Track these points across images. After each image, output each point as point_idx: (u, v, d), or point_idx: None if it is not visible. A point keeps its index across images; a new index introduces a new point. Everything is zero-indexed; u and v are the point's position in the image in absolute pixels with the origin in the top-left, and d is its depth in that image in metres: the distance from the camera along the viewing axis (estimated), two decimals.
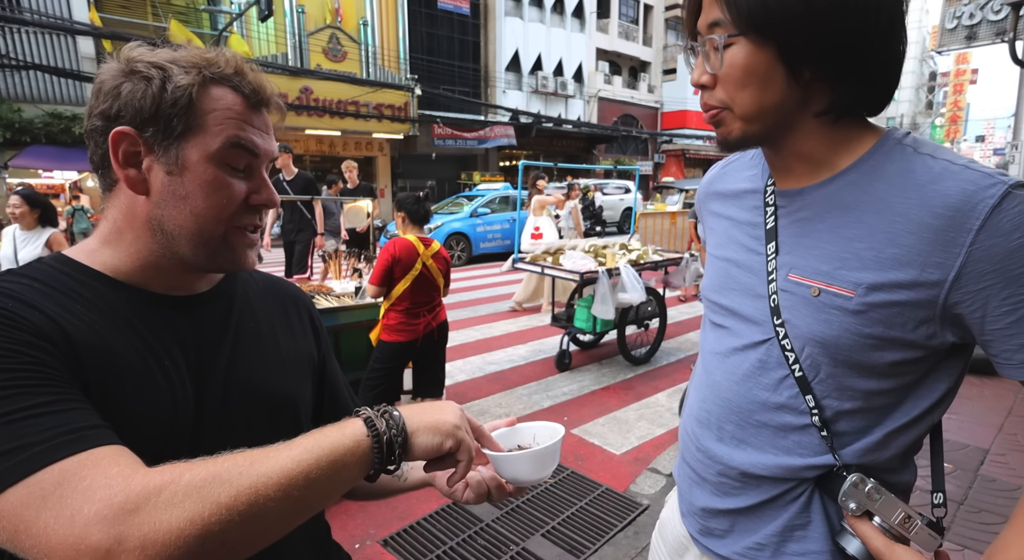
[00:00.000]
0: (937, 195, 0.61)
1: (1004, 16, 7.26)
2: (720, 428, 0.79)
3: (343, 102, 15.35)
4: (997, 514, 2.45)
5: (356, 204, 4.85)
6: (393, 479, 0.78)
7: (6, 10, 10.96)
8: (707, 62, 0.67)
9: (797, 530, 0.74)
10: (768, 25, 0.61)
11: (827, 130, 0.68)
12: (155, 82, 0.58)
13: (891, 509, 0.65)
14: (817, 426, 0.70)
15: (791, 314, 0.70)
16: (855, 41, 0.61)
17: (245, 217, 0.65)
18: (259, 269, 0.83)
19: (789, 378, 0.71)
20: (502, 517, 2.49)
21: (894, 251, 0.62)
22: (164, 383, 0.59)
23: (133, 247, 0.63)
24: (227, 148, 0.62)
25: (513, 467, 0.67)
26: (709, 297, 0.85)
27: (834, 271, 0.66)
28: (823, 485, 0.72)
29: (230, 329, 0.69)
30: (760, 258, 0.75)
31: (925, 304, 0.62)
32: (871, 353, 0.66)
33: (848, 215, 0.67)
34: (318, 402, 0.81)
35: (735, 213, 0.82)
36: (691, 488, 0.86)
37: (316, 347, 0.82)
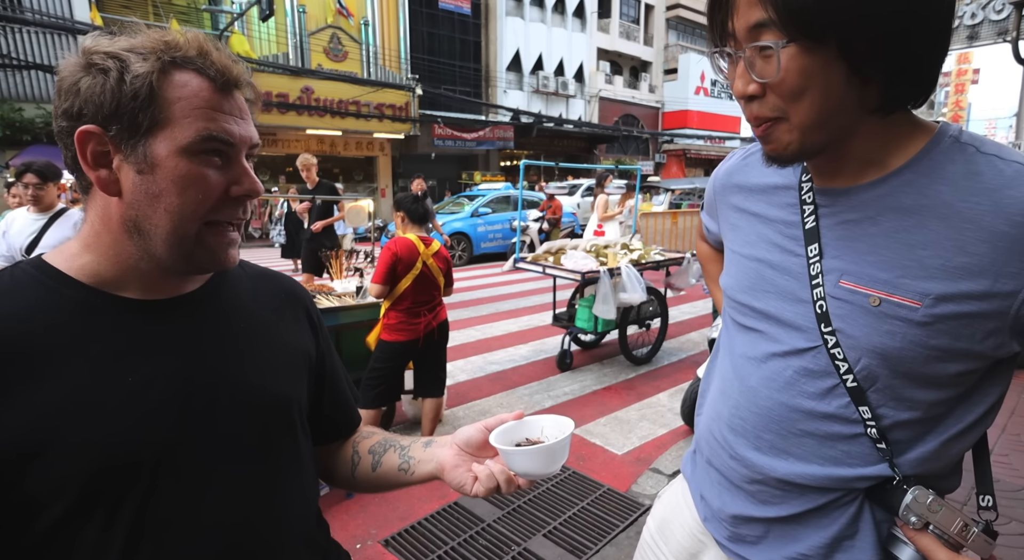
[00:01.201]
0: (1014, 202, 0.57)
1: (1006, 16, 7.24)
2: (758, 437, 0.74)
3: (344, 102, 15.36)
4: (1002, 515, 2.44)
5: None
6: (400, 473, 0.77)
7: (7, 10, 10.97)
8: (752, 70, 0.59)
9: (845, 540, 0.71)
10: (828, 25, 0.54)
11: (879, 128, 0.63)
12: (112, 74, 0.55)
13: (950, 519, 0.63)
14: (873, 437, 0.66)
15: (845, 323, 0.65)
16: (916, 31, 0.56)
17: (226, 210, 0.62)
18: (254, 263, 0.81)
19: (840, 387, 0.67)
20: (503, 517, 2.49)
21: (964, 260, 0.59)
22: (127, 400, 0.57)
23: (112, 250, 0.60)
24: (199, 142, 0.58)
25: (524, 462, 0.67)
26: (736, 298, 0.79)
27: (896, 280, 0.62)
28: (875, 495, 0.68)
29: (219, 330, 0.67)
30: (800, 260, 0.70)
31: (996, 315, 0.59)
32: (934, 365, 0.63)
33: (908, 219, 0.62)
34: (317, 398, 0.80)
35: (763, 209, 0.77)
36: (720, 494, 0.83)
37: (314, 342, 0.80)
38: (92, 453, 0.54)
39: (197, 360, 0.63)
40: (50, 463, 0.52)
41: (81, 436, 0.54)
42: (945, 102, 48.81)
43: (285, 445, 0.70)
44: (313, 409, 0.79)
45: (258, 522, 0.65)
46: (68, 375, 0.55)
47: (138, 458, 0.56)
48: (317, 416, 0.80)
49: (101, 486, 0.54)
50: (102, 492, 0.54)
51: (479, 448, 0.73)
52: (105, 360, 0.57)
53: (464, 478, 0.71)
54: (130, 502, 0.56)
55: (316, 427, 0.80)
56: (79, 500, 0.53)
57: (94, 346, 0.57)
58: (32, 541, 0.53)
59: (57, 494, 0.53)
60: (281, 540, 0.68)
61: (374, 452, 0.81)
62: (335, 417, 0.84)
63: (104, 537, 0.55)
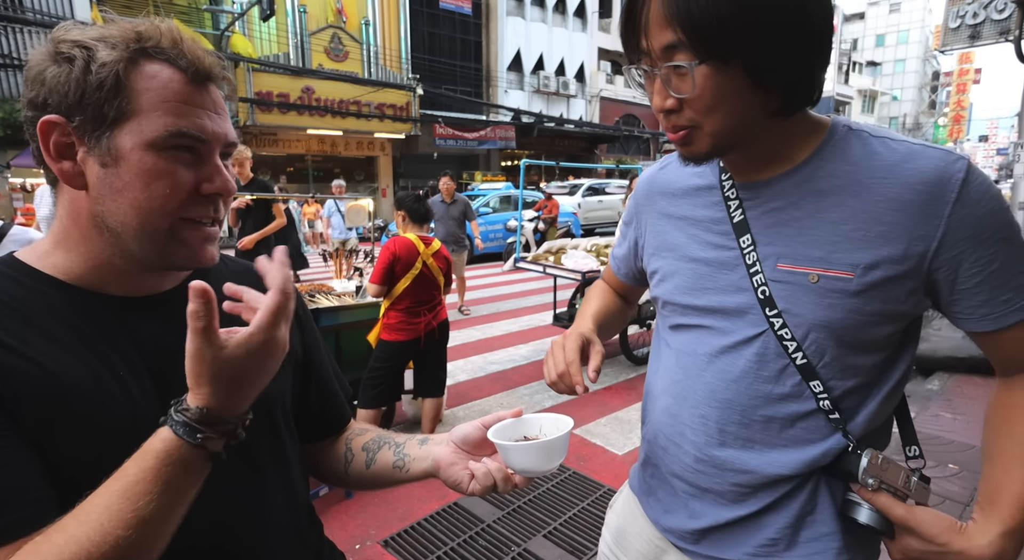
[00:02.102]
0: (912, 173, 0.65)
1: (1008, 15, 7.22)
2: (722, 431, 0.76)
3: (345, 102, 15.37)
4: None
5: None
6: (395, 470, 0.76)
7: (8, 10, 10.98)
8: (669, 87, 0.65)
9: (807, 517, 0.75)
10: (732, 46, 0.60)
11: (783, 128, 0.70)
12: (78, 63, 0.53)
13: (896, 474, 0.70)
14: (826, 410, 0.71)
15: (789, 303, 0.70)
16: (805, 48, 0.63)
17: (196, 208, 0.59)
18: (237, 259, 0.79)
19: (791, 367, 0.71)
20: (503, 518, 2.48)
21: (881, 228, 0.66)
22: (120, 394, 0.56)
23: (83, 246, 0.58)
24: (168, 137, 0.55)
25: (522, 458, 0.66)
26: (678, 301, 0.82)
27: (829, 256, 0.68)
28: (832, 469, 0.73)
29: None
30: (734, 253, 0.75)
31: (913, 275, 0.66)
32: (871, 329, 0.69)
33: (826, 200, 0.69)
34: (304, 394, 0.79)
35: (690, 211, 0.81)
36: (687, 503, 0.82)
37: (299, 337, 0.78)
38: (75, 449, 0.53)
39: (177, 357, 0.60)
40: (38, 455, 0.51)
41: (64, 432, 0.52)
42: (947, 102, 48.75)
43: (268, 442, 0.68)
44: (300, 405, 0.78)
45: (242, 521, 0.64)
46: (46, 371, 0.53)
47: (120, 458, 0.54)
48: (305, 412, 0.79)
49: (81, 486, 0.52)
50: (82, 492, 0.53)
51: (476, 446, 0.72)
52: (81, 357, 0.55)
53: (460, 476, 0.70)
54: None
55: (305, 424, 0.79)
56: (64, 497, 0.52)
57: (70, 343, 0.56)
58: None
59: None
60: (267, 539, 0.67)
61: (368, 449, 0.80)
62: (325, 413, 0.83)
63: None
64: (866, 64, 47.04)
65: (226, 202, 0.63)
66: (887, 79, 49.13)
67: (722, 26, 0.58)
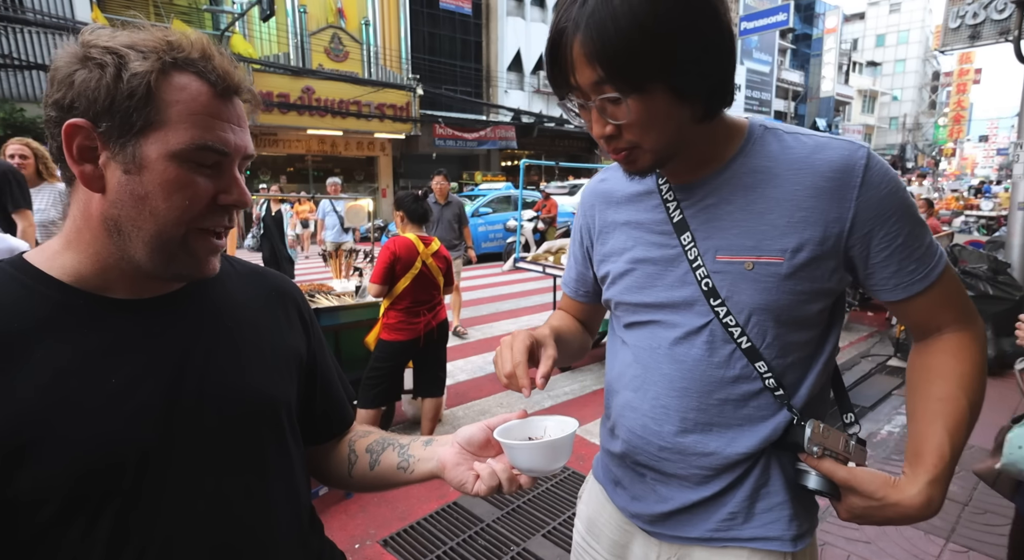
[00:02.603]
0: (823, 162, 0.73)
1: (1008, 15, 7.21)
2: (683, 419, 0.81)
3: (345, 102, 15.36)
4: (1002, 516, 2.43)
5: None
6: (399, 471, 0.76)
7: (9, 10, 10.99)
8: (605, 115, 0.70)
9: (762, 489, 0.81)
10: (649, 77, 0.65)
11: (707, 132, 0.75)
12: (109, 70, 0.53)
13: (836, 440, 0.76)
14: (771, 387, 0.78)
15: (731, 291, 0.77)
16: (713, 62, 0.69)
17: (211, 218, 0.60)
18: (245, 260, 0.80)
19: (737, 351, 0.78)
20: (503, 517, 2.48)
21: (802, 214, 0.73)
22: (108, 403, 0.56)
23: (92, 248, 0.59)
24: (193, 150, 0.57)
25: (527, 457, 0.66)
26: (629, 300, 0.87)
27: (760, 244, 0.75)
28: (780, 443, 0.79)
29: (205, 329, 0.65)
30: (677, 250, 0.80)
31: (834, 253, 0.74)
32: (805, 307, 0.76)
33: (752, 193, 0.76)
34: (309, 397, 0.79)
35: (635, 215, 0.87)
36: (655, 489, 0.87)
37: (305, 341, 0.79)
38: (73, 456, 0.53)
39: (183, 360, 0.62)
40: (31, 466, 0.51)
41: (61, 438, 0.53)
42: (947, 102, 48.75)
43: (273, 446, 0.69)
44: (305, 408, 0.78)
45: (246, 523, 0.64)
46: (44, 377, 0.53)
47: (121, 460, 0.55)
48: (309, 415, 0.79)
49: (85, 488, 0.53)
50: (85, 494, 0.53)
51: (480, 447, 0.72)
52: (84, 361, 0.56)
53: (465, 476, 0.70)
54: (112, 505, 0.55)
55: (309, 426, 0.79)
56: (64, 502, 0.52)
57: (72, 347, 0.56)
58: (17, 546, 0.52)
59: (40, 497, 0.52)
60: (271, 541, 0.67)
61: (371, 451, 0.80)
62: (328, 416, 0.83)
63: (86, 541, 0.54)
64: (866, 64, 47.03)
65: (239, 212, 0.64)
66: (887, 79, 49.11)
67: (637, 62, 0.63)
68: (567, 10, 0.66)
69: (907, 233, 0.73)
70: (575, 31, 0.65)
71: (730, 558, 0.83)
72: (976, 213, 12.48)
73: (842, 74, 40.40)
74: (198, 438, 0.61)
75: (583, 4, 0.64)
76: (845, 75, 41.56)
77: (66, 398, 0.54)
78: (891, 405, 3.85)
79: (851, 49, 44.90)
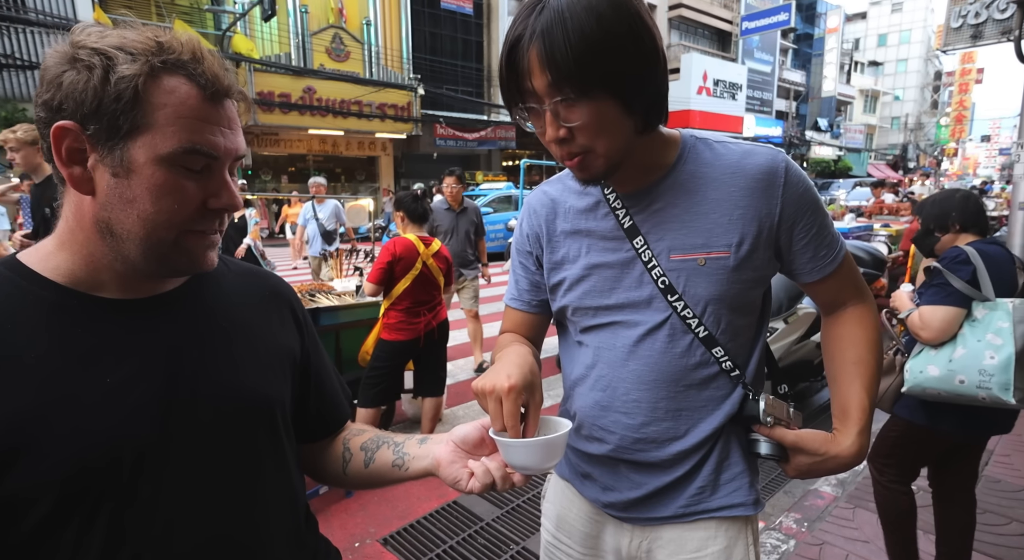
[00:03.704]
0: (752, 166, 0.83)
1: (1010, 15, 7.19)
2: (653, 408, 0.87)
3: (346, 102, 15.39)
4: (1002, 515, 2.43)
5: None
6: (394, 469, 0.77)
7: (10, 10, 11.01)
8: (559, 119, 0.73)
9: (724, 461, 0.90)
10: (594, 84, 0.70)
11: (647, 143, 0.82)
12: (97, 72, 0.52)
13: (781, 409, 0.88)
14: (727, 369, 0.87)
15: (687, 286, 0.84)
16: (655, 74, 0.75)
17: (202, 222, 0.60)
18: (238, 261, 0.80)
19: (695, 340, 0.85)
20: (502, 516, 2.49)
21: (739, 211, 0.83)
22: (103, 402, 0.56)
23: (85, 249, 0.58)
24: (182, 154, 0.56)
25: (521, 455, 0.67)
26: (589, 304, 0.91)
27: (708, 241, 0.83)
28: (736, 418, 0.88)
29: (199, 329, 0.65)
30: (630, 253, 0.87)
31: (768, 244, 0.84)
32: (749, 293, 0.87)
33: (694, 196, 0.84)
34: (303, 395, 0.80)
35: (588, 225, 0.91)
36: (629, 476, 0.92)
37: (299, 340, 0.79)
38: (68, 455, 0.53)
39: (178, 360, 0.62)
40: (27, 466, 0.51)
41: (57, 438, 0.53)
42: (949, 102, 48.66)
43: (268, 445, 0.69)
44: (299, 407, 0.78)
45: (241, 522, 0.65)
46: (39, 377, 0.54)
47: (117, 459, 0.55)
48: (304, 413, 0.79)
49: (79, 488, 0.53)
50: (80, 494, 0.54)
51: (475, 446, 0.73)
52: (79, 361, 0.56)
53: (460, 474, 0.70)
54: (108, 504, 0.55)
55: (303, 424, 0.80)
56: (58, 502, 0.53)
57: (66, 348, 0.56)
58: (14, 544, 0.52)
59: (36, 496, 0.52)
60: (265, 540, 0.67)
61: (367, 448, 0.81)
62: (323, 414, 0.84)
63: (83, 540, 0.54)
64: (868, 64, 46.94)
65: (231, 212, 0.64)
66: (889, 79, 49.02)
67: (586, 70, 0.68)
68: (524, 20, 0.71)
69: (819, 224, 0.85)
70: (531, 39, 0.70)
71: (699, 531, 0.90)
72: None
73: (844, 74, 40.33)
74: (193, 437, 0.61)
75: (539, 15, 0.69)
76: (847, 75, 41.49)
77: (61, 398, 0.54)
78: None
79: (853, 49, 44.81)
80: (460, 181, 4.34)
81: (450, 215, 4.37)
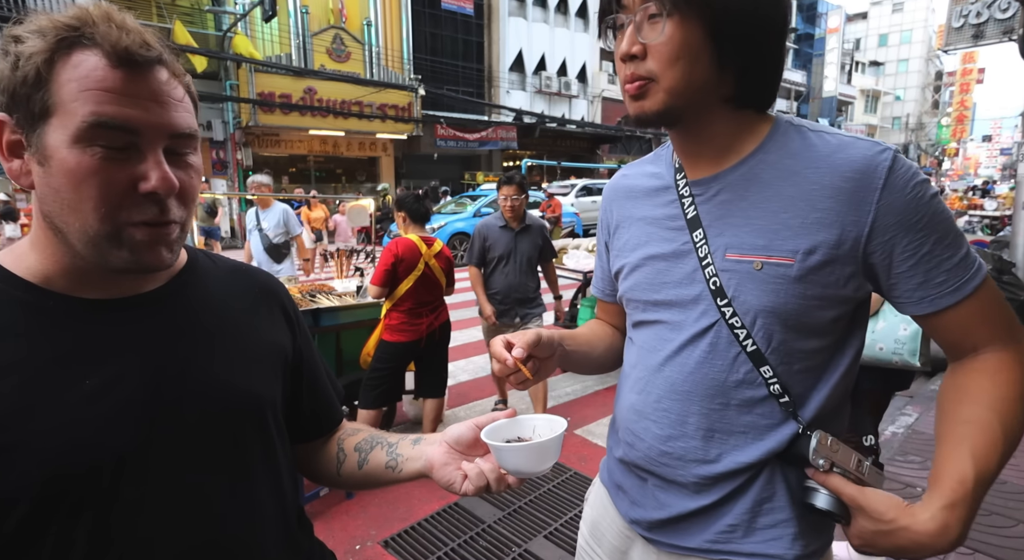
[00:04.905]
0: (844, 162, 0.69)
1: (1012, 14, 7.17)
2: (681, 422, 0.79)
3: (347, 102, 15.38)
4: (1008, 517, 2.41)
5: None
6: (388, 470, 0.76)
7: (11, 11, 11.02)
8: (639, 33, 0.69)
9: (765, 503, 0.77)
10: (697, 6, 0.65)
11: (731, 116, 0.74)
12: (10, 58, 0.50)
13: (848, 457, 0.72)
14: (776, 394, 0.74)
15: (738, 291, 0.73)
16: (763, 33, 0.69)
17: (137, 210, 0.54)
18: (227, 257, 0.79)
19: (742, 354, 0.74)
20: (504, 518, 2.47)
21: (817, 215, 0.69)
22: (83, 404, 0.54)
23: (50, 249, 0.56)
24: (87, 128, 0.50)
25: (514, 459, 0.66)
26: (640, 297, 0.85)
27: (770, 243, 0.71)
28: (786, 455, 0.75)
29: (184, 328, 0.63)
30: (688, 246, 0.78)
31: (850, 259, 0.70)
32: (815, 313, 0.72)
33: (767, 190, 0.73)
34: (295, 395, 0.78)
35: (649, 211, 0.85)
36: (655, 493, 0.84)
37: (291, 338, 0.77)
38: (48, 459, 0.51)
39: (162, 360, 0.60)
40: (4, 470, 0.50)
41: (35, 443, 0.51)
42: (950, 102, 48.61)
43: (257, 446, 0.68)
44: (292, 406, 0.77)
45: (230, 524, 0.63)
46: (16, 380, 0.52)
47: (98, 463, 0.54)
48: (296, 413, 0.78)
49: (59, 491, 0.52)
50: (60, 497, 0.52)
51: (469, 446, 0.71)
52: (57, 364, 0.54)
53: (453, 476, 0.69)
54: (90, 507, 0.54)
55: (296, 425, 0.79)
56: (38, 506, 0.51)
57: (44, 350, 0.54)
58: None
59: (13, 498, 0.50)
60: (256, 542, 0.66)
61: (360, 449, 0.79)
62: (316, 414, 0.82)
63: (64, 544, 0.53)
64: (869, 64, 46.92)
65: (183, 201, 0.58)
66: (890, 79, 48.99)
67: None
68: None
69: (934, 241, 0.67)
70: None
71: None
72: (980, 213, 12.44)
73: (845, 74, 40.32)
74: (178, 439, 0.59)
75: None
76: (848, 75, 41.47)
77: (39, 401, 0.52)
78: (894, 405, 3.83)
79: (854, 49, 44.78)
80: (521, 190, 3.16)
81: (507, 235, 3.16)
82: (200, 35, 13.61)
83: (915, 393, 3.86)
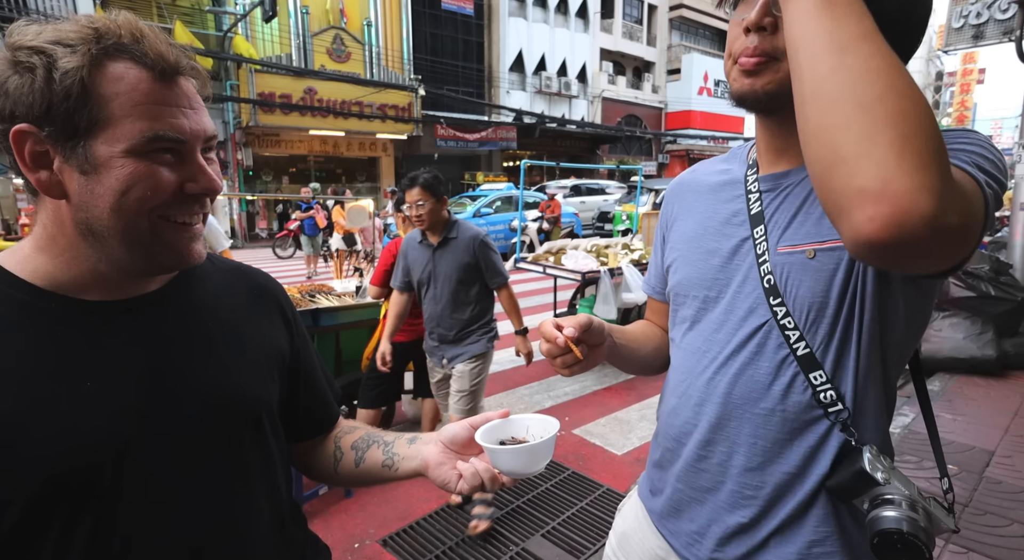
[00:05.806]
0: None
1: (1012, 15, 7.18)
2: (713, 430, 0.76)
3: (347, 102, 15.38)
4: (1003, 517, 2.42)
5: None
6: (384, 469, 0.77)
7: (11, 11, 11.03)
8: (776, 7, 0.63)
9: (815, 547, 0.71)
10: None
11: None
12: (39, 72, 0.50)
13: (904, 481, 0.65)
14: (826, 402, 0.69)
15: (790, 284, 0.70)
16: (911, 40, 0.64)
17: (180, 209, 0.58)
18: (226, 258, 0.80)
19: (790, 357, 0.70)
20: (502, 517, 2.49)
21: None
22: (83, 404, 0.55)
23: (68, 253, 0.57)
24: (146, 142, 0.54)
25: (508, 460, 0.67)
26: (688, 292, 0.82)
27: (822, 229, 0.68)
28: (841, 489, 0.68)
29: (183, 329, 0.65)
30: (748, 242, 0.76)
31: None
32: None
33: None
34: (293, 394, 0.79)
35: (712, 205, 0.83)
36: (690, 505, 0.81)
37: (288, 339, 0.78)
38: (48, 458, 0.52)
39: (161, 361, 0.61)
40: (5, 470, 0.51)
41: (35, 442, 0.52)
42: (950, 102, 48.56)
43: (254, 445, 0.69)
44: (289, 406, 0.78)
45: (226, 520, 0.65)
46: (17, 380, 0.53)
47: (98, 462, 0.55)
48: (293, 413, 0.79)
49: (59, 490, 0.53)
50: (60, 497, 0.53)
51: (464, 446, 0.72)
52: (58, 364, 0.55)
53: (448, 475, 0.70)
54: (90, 507, 0.55)
55: (293, 424, 0.80)
56: (38, 505, 0.52)
57: (46, 350, 0.55)
58: None
59: (12, 499, 0.51)
60: (251, 541, 0.67)
61: (357, 448, 0.80)
62: (313, 413, 0.83)
63: (65, 541, 0.54)
64: None
65: (212, 198, 0.62)
66: None
67: None
68: None
69: None
70: None
71: None
72: None
73: None
74: (176, 438, 0.61)
75: None
76: None
77: (40, 401, 0.53)
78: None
79: None
80: (431, 193, 2.30)
81: (425, 253, 2.43)
82: (200, 35, 13.61)
83: (910, 394, 3.87)
